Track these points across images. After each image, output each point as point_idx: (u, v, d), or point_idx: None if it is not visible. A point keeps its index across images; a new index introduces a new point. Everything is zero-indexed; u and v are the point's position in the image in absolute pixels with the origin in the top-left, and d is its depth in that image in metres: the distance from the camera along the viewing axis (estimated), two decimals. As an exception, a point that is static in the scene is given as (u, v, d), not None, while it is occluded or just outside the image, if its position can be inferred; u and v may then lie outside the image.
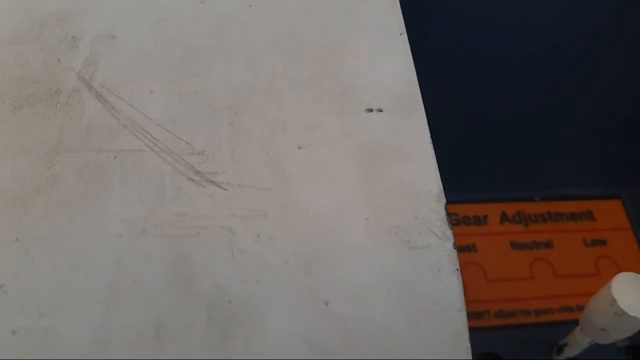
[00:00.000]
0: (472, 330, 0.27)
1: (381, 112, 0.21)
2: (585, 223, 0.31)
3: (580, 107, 0.31)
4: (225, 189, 0.18)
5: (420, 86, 0.22)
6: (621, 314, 0.22)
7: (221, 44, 0.21)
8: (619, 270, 0.30)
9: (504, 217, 0.30)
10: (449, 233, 0.19)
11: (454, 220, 0.29)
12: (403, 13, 0.23)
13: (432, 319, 0.18)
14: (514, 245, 0.29)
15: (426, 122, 0.21)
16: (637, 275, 0.23)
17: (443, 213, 0.19)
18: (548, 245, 0.29)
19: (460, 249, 0.29)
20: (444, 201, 0.19)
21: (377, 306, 0.18)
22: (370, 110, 0.21)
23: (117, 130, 0.18)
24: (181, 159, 0.18)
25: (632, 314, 0.22)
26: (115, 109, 0.19)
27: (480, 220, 0.29)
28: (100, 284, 0.16)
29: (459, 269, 0.19)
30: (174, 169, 0.18)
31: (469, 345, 0.18)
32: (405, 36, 0.22)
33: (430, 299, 0.18)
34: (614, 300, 0.22)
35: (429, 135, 0.20)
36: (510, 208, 0.30)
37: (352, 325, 0.17)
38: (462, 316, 0.18)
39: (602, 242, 0.30)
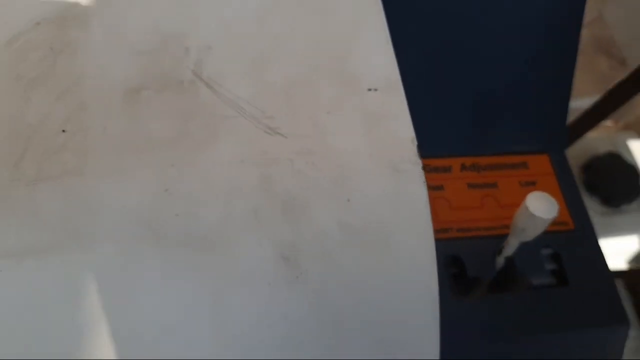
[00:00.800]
0: (440, 240, 0.40)
1: (376, 91, 0.33)
2: (521, 170, 0.43)
3: (523, 87, 0.44)
4: (287, 137, 0.30)
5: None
6: (531, 215, 0.34)
7: (275, 49, 0.33)
8: (544, 202, 0.42)
9: (463, 167, 0.42)
10: (419, 162, 0.31)
11: (428, 169, 0.42)
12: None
13: (408, 210, 0.30)
14: (470, 186, 0.41)
15: (404, 96, 0.33)
16: (544, 193, 0.35)
17: (415, 150, 0.31)
18: (494, 185, 0.42)
19: (432, 188, 0.41)
20: (416, 143, 0.32)
21: (377, 202, 0.30)
22: (370, 90, 0.33)
23: (220, 104, 0.31)
24: (259, 120, 0.31)
25: (537, 214, 0.34)
26: (218, 92, 0.31)
27: (446, 169, 0.42)
28: (220, 188, 0.28)
29: (425, 182, 0.31)
30: (256, 126, 0.30)
31: (430, 223, 0.30)
32: (390, 42, 0.35)
33: (407, 198, 0.30)
34: (527, 207, 0.34)
35: (406, 104, 0.33)
36: (468, 160, 0.42)
37: (362, 212, 0.29)
38: (427, 208, 0.30)
39: (533, 183, 0.43)
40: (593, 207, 0.85)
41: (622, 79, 0.58)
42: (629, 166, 0.87)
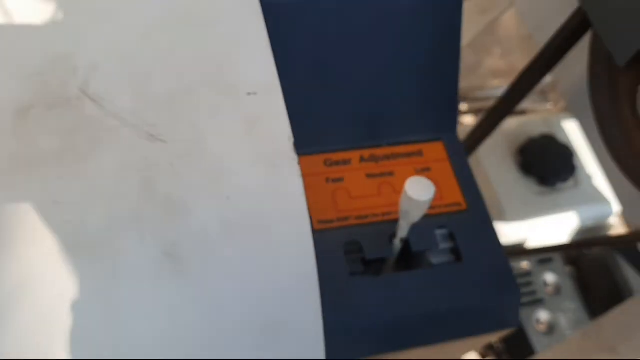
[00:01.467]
0: (339, 228, 0.42)
1: (255, 94, 0.36)
2: (417, 158, 0.46)
3: (414, 82, 0.47)
4: (167, 143, 0.33)
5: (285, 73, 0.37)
6: (409, 199, 0.37)
7: (158, 62, 0.36)
8: (439, 187, 0.45)
9: (362, 159, 0.45)
10: (295, 157, 0.34)
11: (329, 163, 0.44)
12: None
13: (285, 202, 0.33)
14: (369, 175, 0.44)
15: (282, 98, 0.36)
16: (423, 178, 0.38)
17: (291, 146, 0.34)
18: (391, 174, 0.45)
19: (332, 180, 0.44)
20: (292, 140, 0.35)
21: (256, 197, 0.33)
22: (249, 94, 0.36)
23: (105, 118, 0.33)
24: (141, 129, 0.33)
25: (414, 197, 0.37)
26: (103, 106, 0.33)
27: (346, 162, 0.44)
28: (104, 195, 0.31)
29: (300, 175, 0.34)
30: (138, 135, 0.33)
31: (306, 212, 0.33)
32: (270, 48, 0.37)
33: (284, 191, 0.33)
34: (405, 191, 0.37)
35: (284, 105, 0.36)
36: (366, 153, 0.45)
37: (241, 208, 0.32)
38: (303, 198, 0.33)
39: (428, 169, 0.46)
40: (530, 187, 0.89)
41: (529, 63, 0.61)
42: (563, 146, 0.91)
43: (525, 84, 0.62)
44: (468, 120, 1.33)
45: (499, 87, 1.45)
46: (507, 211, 0.85)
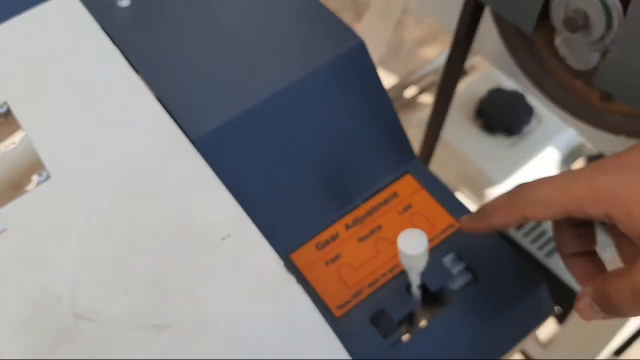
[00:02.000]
0: (358, 305, 0.43)
1: (229, 236, 0.37)
2: (395, 201, 0.47)
3: (362, 139, 0.48)
4: (173, 327, 0.34)
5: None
6: (406, 256, 0.38)
7: (129, 247, 0.36)
8: (427, 218, 0.47)
9: (347, 227, 0.46)
10: (291, 277, 0.35)
11: (320, 246, 0.45)
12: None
13: (302, 325, 0.34)
14: (360, 240, 0.45)
15: (256, 228, 0.37)
16: (416, 229, 0.39)
17: (284, 269, 0.35)
18: (379, 228, 0.46)
19: (331, 261, 0.45)
20: (282, 262, 0.35)
21: (273, 336, 0.34)
22: (224, 238, 0.37)
23: (107, 330, 0.34)
24: (144, 325, 0.34)
25: (410, 253, 0.38)
26: (101, 320, 0.34)
27: (335, 237, 0.45)
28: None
29: (303, 291, 0.35)
30: (145, 331, 0.34)
31: (324, 322, 0.34)
32: (221, 184, 0.38)
33: (296, 314, 0.34)
34: (400, 250, 0.38)
35: (260, 235, 0.36)
36: (349, 218, 0.46)
37: (266, 355, 0.33)
38: (316, 312, 0.34)
39: (409, 207, 0.47)
40: (501, 143, 0.91)
41: (448, 55, 0.63)
42: (512, 93, 0.93)
43: (451, 73, 0.64)
44: (425, 99, 1.35)
45: (431, 59, 1.48)
46: (493, 176, 0.87)
